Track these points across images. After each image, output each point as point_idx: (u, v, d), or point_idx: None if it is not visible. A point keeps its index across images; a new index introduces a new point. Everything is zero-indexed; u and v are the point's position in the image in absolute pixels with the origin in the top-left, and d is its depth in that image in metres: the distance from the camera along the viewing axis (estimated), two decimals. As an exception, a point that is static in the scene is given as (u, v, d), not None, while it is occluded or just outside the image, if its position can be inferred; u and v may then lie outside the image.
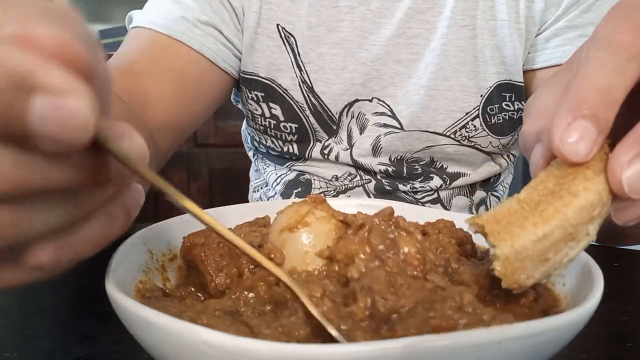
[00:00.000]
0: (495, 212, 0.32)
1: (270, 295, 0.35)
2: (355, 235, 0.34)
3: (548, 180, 0.32)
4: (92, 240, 0.26)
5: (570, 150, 0.30)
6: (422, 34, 0.77)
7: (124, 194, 0.26)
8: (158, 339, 0.27)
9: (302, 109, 0.80)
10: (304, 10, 0.77)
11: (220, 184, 1.98)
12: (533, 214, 0.31)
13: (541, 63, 0.77)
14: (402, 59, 0.78)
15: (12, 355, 0.37)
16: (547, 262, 0.31)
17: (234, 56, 0.79)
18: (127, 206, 0.27)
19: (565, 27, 0.75)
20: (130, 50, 0.74)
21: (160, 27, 0.73)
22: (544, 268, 0.31)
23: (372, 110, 0.80)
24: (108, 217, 0.26)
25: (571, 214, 0.30)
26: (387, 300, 0.30)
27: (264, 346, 0.25)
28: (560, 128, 0.30)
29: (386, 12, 0.77)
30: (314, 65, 0.78)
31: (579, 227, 0.31)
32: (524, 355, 0.27)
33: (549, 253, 0.31)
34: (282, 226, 0.38)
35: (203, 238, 0.40)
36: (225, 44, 0.77)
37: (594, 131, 0.30)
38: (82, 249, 0.26)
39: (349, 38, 0.77)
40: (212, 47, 0.75)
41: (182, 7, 0.75)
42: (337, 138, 0.82)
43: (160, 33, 0.73)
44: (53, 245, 0.24)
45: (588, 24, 0.74)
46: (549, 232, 0.30)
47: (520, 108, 0.81)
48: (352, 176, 0.83)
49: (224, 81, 0.79)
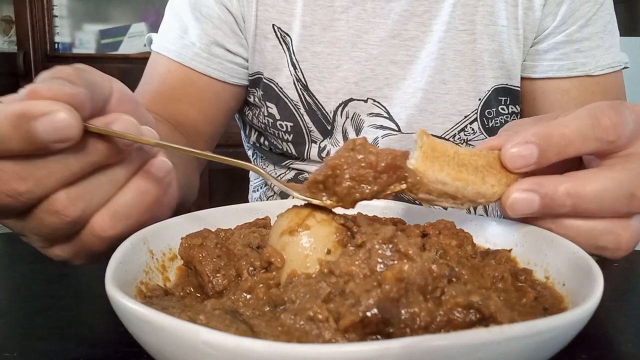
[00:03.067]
0: (437, 143, 0.41)
1: (269, 297, 0.35)
2: (355, 254, 0.34)
3: (482, 159, 0.42)
4: (136, 208, 0.38)
5: (510, 157, 0.40)
6: (418, 36, 0.77)
7: (146, 167, 0.39)
8: (158, 339, 0.27)
9: (297, 108, 0.81)
10: (299, 9, 0.78)
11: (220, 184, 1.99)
12: (452, 167, 0.40)
13: (539, 74, 0.79)
14: (398, 60, 0.78)
15: (12, 355, 0.37)
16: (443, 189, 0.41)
17: (241, 68, 0.82)
18: (153, 175, 0.39)
19: (563, 42, 0.77)
20: (151, 79, 0.82)
21: (172, 54, 0.80)
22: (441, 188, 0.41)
23: (367, 111, 0.80)
24: (138, 188, 0.39)
25: (469, 190, 0.41)
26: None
27: (264, 346, 0.24)
28: (517, 140, 0.40)
29: (381, 12, 0.77)
30: (308, 64, 0.79)
31: (464, 199, 0.41)
32: (524, 355, 0.27)
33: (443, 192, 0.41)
34: (283, 229, 0.38)
35: (201, 239, 0.40)
36: (232, 60, 0.81)
37: (534, 159, 0.40)
38: (132, 216, 0.38)
39: (344, 37, 0.78)
40: (218, 68, 0.80)
41: (187, 30, 0.79)
42: (332, 139, 0.82)
43: (172, 60, 0.79)
44: (107, 214, 0.37)
45: (584, 39, 0.77)
46: (449, 184, 0.40)
47: (515, 112, 0.82)
48: None
49: (237, 92, 0.84)
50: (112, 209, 0.38)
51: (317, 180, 0.40)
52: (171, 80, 0.80)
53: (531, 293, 0.37)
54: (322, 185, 0.40)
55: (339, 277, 0.33)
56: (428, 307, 0.31)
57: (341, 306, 0.31)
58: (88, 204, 0.36)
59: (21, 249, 0.59)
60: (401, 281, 0.31)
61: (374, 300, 0.30)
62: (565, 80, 0.78)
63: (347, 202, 0.40)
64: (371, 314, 0.29)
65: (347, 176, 0.39)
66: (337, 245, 0.37)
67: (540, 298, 0.37)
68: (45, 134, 0.33)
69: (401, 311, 0.30)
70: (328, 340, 0.29)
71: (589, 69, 0.77)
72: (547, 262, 0.40)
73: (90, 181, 0.37)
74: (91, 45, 2.48)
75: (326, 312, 0.30)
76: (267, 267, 0.37)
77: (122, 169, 0.38)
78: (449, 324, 0.31)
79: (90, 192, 0.37)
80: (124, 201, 0.38)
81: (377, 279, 0.32)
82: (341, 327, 0.29)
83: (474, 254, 0.42)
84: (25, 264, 0.55)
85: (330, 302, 0.32)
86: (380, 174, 0.39)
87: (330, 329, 0.30)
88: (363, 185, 0.39)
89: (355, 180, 0.39)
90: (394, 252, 0.33)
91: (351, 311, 0.29)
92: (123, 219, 0.38)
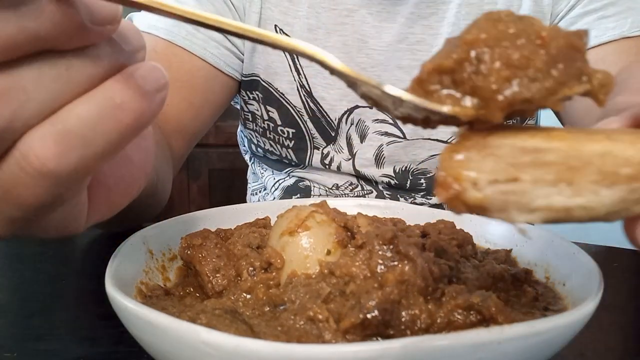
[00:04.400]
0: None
1: (269, 297, 0.35)
2: (356, 255, 0.34)
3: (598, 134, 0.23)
4: (101, 131, 0.23)
5: None
6: (425, 40, 0.75)
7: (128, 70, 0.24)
8: (158, 339, 0.27)
9: (300, 114, 0.79)
10: (303, 11, 0.76)
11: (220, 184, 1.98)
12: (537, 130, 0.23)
13: None
14: (404, 65, 0.76)
15: (12, 355, 0.37)
16: (513, 184, 0.22)
17: (237, 59, 0.77)
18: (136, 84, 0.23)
19: (581, 14, 0.72)
20: None
21: (160, 32, 0.70)
22: (503, 188, 0.22)
23: (372, 117, 0.78)
24: (110, 99, 0.23)
25: (589, 149, 0.22)
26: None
27: (264, 346, 0.24)
28: None
29: (387, 15, 0.75)
30: (312, 70, 0.76)
31: (589, 173, 0.21)
32: (524, 355, 0.27)
33: (525, 172, 0.22)
34: (282, 230, 0.38)
35: (201, 239, 0.40)
36: (228, 47, 0.75)
37: None
38: (92, 144, 0.23)
39: (349, 42, 0.76)
40: (215, 52, 0.73)
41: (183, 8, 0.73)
42: (336, 146, 0.80)
43: (161, 39, 0.71)
44: (51, 135, 0.22)
45: (607, 5, 0.71)
46: (542, 148, 0.22)
47: None
48: (353, 186, 0.82)
49: (229, 85, 0.78)
50: (59, 125, 0.22)
51: (443, 67, 0.24)
52: (155, 61, 0.72)
53: (531, 293, 0.37)
54: (450, 76, 0.24)
55: (340, 278, 0.33)
56: (428, 308, 0.31)
57: (342, 307, 0.31)
58: (19, 108, 0.22)
59: (21, 249, 0.59)
60: (402, 283, 0.31)
61: (375, 302, 0.30)
62: (595, 49, 0.71)
63: (497, 106, 0.23)
64: (372, 316, 0.29)
65: (497, 60, 0.23)
66: (337, 246, 0.37)
67: (540, 298, 0.37)
68: None
69: (402, 313, 0.30)
70: (328, 340, 0.29)
71: (621, 31, 0.70)
72: (547, 262, 0.40)
73: (28, 70, 0.22)
74: (91, 45, 2.48)
75: (326, 312, 0.30)
76: (267, 267, 0.37)
77: (86, 61, 0.23)
78: (450, 325, 0.31)
79: (25, 89, 0.22)
80: (80, 115, 0.22)
81: (378, 281, 0.32)
82: (342, 328, 0.29)
83: (474, 254, 0.42)
84: (25, 264, 0.55)
85: (331, 302, 0.32)
86: (555, 58, 0.23)
87: (330, 330, 0.30)
88: (526, 76, 0.23)
89: (514, 67, 0.23)
90: (395, 254, 0.33)
91: (352, 313, 0.29)
92: (77, 146, 0.22)
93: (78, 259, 0.60)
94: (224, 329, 0.29)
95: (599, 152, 0.22)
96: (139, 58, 0.25)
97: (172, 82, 0.70)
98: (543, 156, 0.22)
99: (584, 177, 0.21)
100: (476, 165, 0.22)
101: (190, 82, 0.72)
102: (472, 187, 0.22)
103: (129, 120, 0.23)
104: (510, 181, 0.21)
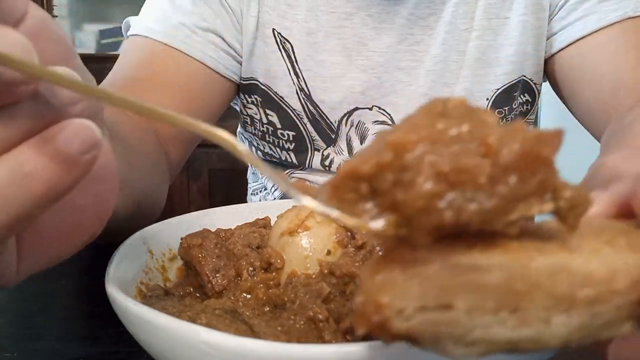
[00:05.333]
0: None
1: (269, 297, 0.35)
2: (356, 255, 0.34)
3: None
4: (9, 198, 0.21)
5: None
6: (424, 40, 0.75)
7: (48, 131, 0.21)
8: (158, 339, 0.27)
9: (300, 117, 0.78)
10: (302, 15, 0.75)
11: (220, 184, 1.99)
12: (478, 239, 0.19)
13: (563, 42, 0.72)
14: (403, 67, 0.76)
15: (12, 355, 0.37)
16: (445, 312, 0.18)
17: (235, 62, 0.76)
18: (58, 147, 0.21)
19: (579, 1, 0.71)
20: (129, 64, 0.71)
21: (157, 35, 0.69)
22: (433, 317, 0.18)
23: (372, 119, 0.78)
24: (18, 166, 0.21)
25: (538, 265, 0.18)
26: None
27: (264, 346, 0.24)
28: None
29: (386, 17, 0.75)
30: (312, 73, 0.76)
31: (538, 297, 0.18)
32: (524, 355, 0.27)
33: (459, 297, 0.18)
34: (282, 230, 0.38)
35: (200, 239, 0.40)
36: (227, 50, 0.74)
37: None
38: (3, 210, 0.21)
39: (349, 45, 0.76)
40: (213, 55, 0.72)
41: (181, 11, 0.71)
42: (336, 147, 0.80)
43: (158, 42, 0.69)
44: None
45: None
46: (480, 266, 0.18)
47: (529, 100, 0.79)
48: None
49: (227, 88, 0.76)
50: None
51: (358, 173, 0.19)
52: (152, 65, 0.68)
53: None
54: (368, 185, 0.19)
55: (339, 278, 0.33)
56: None
57: (342, 307, 0.31)
58: None
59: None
60: None
61: None
62: (598, 33, 0.69)
63: (422, 228, 0.18)
64: None
65: (427, 168, 0.18)
66: (337, 246, 0.37)
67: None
68: None
69: None
70: (328, 340, 0.29)
71: (624, 12, 0.67)
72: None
73: None
74: (91, 45, 2.48)
75: (326, 312, 0.30)
76: (267, 267, 0.37)
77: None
78: None
79: None
80: None
81: None
82: (342, 328, 0.29)
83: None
84: (25, 264, 0.55)
85: (331, 302, 0.32)
86: (505, 171, 0.18)
87: (330, 330, 0.30)
88: (463, 192, 0.18)
89: (447, 181, 0.18)
90: None
91: (352, 313, 0.29)
92: None
93: (78, 259, 0.60)
94: (224, 329, 0.29)
95: (549, 270, 0.18)
96: (74, 112, 0.22)
97: (170, 86, 0.69)
98: (481, 277, 0.18)
99: (531, 302, 0.18)
100: (401, 289, 0.18)
101: (188, 86, 0.71)
102: (397, 316, 0.18)
103: (40, 189, 0.21)
104: (442, 309, 0.18)
